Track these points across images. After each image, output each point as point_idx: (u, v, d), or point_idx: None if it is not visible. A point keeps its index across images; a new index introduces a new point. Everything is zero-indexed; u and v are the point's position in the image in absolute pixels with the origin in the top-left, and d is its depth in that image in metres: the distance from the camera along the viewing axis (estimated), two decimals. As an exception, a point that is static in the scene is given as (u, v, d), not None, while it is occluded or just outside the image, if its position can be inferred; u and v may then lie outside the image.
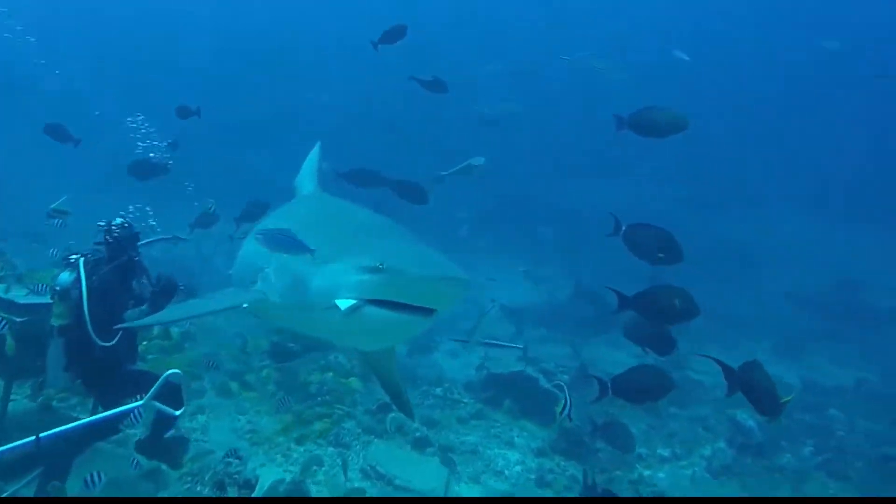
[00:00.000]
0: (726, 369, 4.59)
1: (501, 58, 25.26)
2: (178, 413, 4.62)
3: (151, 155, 10.20)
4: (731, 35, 29.39)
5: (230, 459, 5.40)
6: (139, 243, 5.14)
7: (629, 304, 5.24)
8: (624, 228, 5.60)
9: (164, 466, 5.15)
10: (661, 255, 5.45)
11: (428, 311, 3.19)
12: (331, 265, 3.33)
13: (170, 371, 4.45)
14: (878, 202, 22.70)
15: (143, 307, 4.79)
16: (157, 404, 4.45)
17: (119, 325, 4.46)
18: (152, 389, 4.38)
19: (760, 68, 28.83)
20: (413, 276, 3.11)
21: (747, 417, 8.67)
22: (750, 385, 4.61)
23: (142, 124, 11.09)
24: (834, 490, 7.69)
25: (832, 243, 20.27)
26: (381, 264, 3.11)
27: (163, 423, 5.01)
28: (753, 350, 12.93)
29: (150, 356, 7.77)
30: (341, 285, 3.23)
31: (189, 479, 5.12)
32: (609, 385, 5.17)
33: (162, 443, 4.89)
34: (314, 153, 5.51)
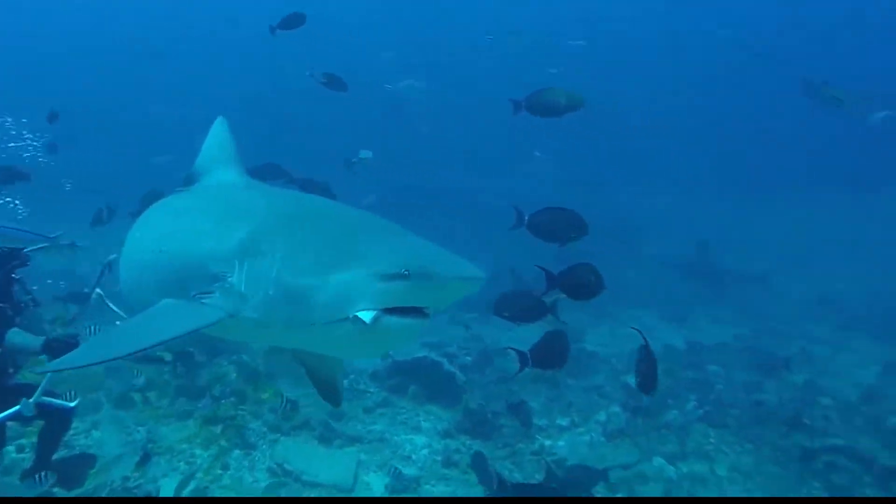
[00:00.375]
0: (646, 344, 4.93)
1: (402, 44, 25.34)
2: (72, 405, 4.40)
3: (29, 154, 9.79)
4: (625, 24, 30.84)
5: (128, 475, 5.32)
6: (26, 249, 4.90)
7: (556, 283, 5.38)
8: (527, 218, 5.79)
9: (55, 490, 4.98)
10: (572, 234, 5.68)
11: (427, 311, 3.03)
12: (342, 274, 2.94)
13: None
14: (743, 178, 24.88)
15: (38, 344, 4.45)
16: (49, 399, 4.23)
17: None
18: (41, 384, 4.14)
19: (650, 56, 30.46)
20: (442, 280, 2.92)
21: (638, 381, 9.31)
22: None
23: (13, 125, 10.52)
24: (714, 438, 8.40)
25: (706, 215, 21.86)
26: (406, 271, 2.86)
27: (51, 440, 4.83)
28: (642, 317, 13.87)
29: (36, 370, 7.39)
30: (359, 296, 2.90)
31: (84, 499, 4.98)
32: (529, 356, 5.35)
33: (51, 465, 4.72)
34: (220, 129, 4.48)
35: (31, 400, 4.01)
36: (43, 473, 4.54)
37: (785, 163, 26.11)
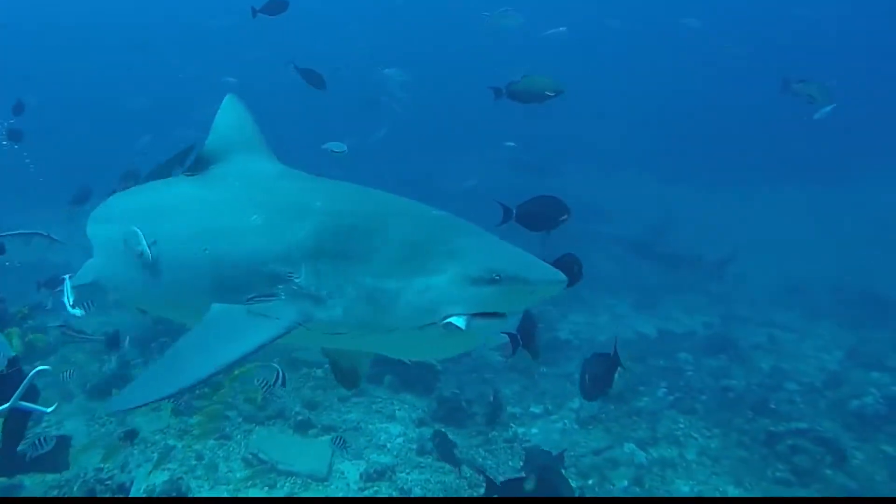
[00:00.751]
0: (615, 353, 5.08)
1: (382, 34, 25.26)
2: (49, 410, 4.36)
3: None
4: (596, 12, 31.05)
5: (101, 465, 5.31)
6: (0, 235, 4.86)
7: None
8: (515, 211, 5.86)
9: (27, 482, 4.95)
10: (559, 219, 5.74)
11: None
12: (430, 277, 2.80)
13: (38, 367, 4.16)
14: (709, 167, 25.41)
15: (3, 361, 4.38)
16: (27, 404, 4.18)
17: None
18: (20, 389, 4.09)
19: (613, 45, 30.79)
20: (532, 285, 2.83)
21: (610, 369, 9.47)
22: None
23: None
24: (683, 423, 8.60)
25: (673, 202, 22.19)
26: (497, 275, 2.76)
27: (14, 432, 4.79)
28: (616, 305, 14.08)
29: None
30: (449, 301, 2.77)
31: (55, 492, 4.95)
32: (519, 338, 5.44)
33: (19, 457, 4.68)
34: (234, 108, 3.91)
35: (6, 405, 3.96)
36: (42, 438, 4.51)
37: (750, 154, 26.64)
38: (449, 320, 2.74)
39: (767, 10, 31.04)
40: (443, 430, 7.65)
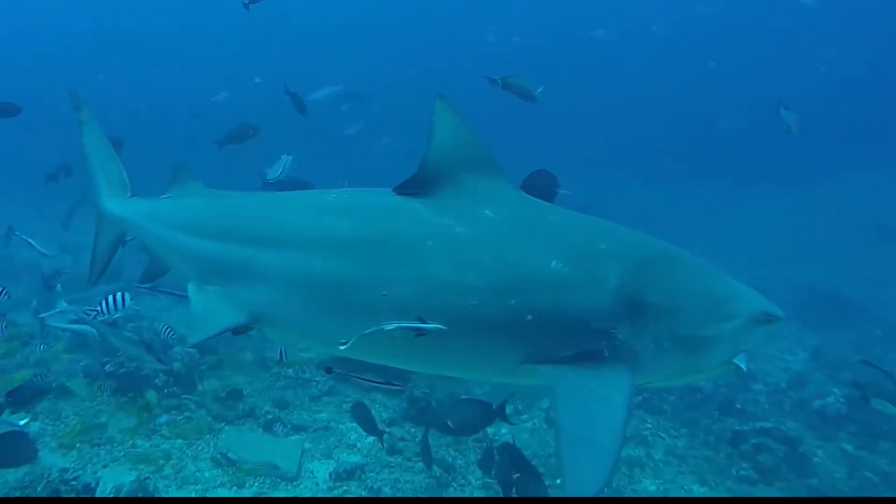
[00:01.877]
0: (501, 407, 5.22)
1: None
2: (22, 423, 4.31)
3: None
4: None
5: (66, 466, 5.25)
6: None
7: None
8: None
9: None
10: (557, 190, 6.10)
11: None
12: (732, 322, 2.95)
13: (21, 422, 4.11)
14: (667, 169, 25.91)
15: None
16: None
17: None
18: None
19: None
20: (783, 322, 3.11)
21: (581, 368, 9.59)
22: None
23: None
24: (651, 423, 8.74)
25: (633, 203, 22.53)
26: (770, 316, 3.04)
27: None
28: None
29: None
30: (743, 342, 3.00)
31: (18, 493, 4.88)
32: None
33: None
34: (449, 116, 3.22)
35: None
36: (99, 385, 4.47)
37: (721, 156, 27.12)
38: (738, 358, 3.00)
39: (743, 20, 31.68)
40: (413, 430, 7.69)
